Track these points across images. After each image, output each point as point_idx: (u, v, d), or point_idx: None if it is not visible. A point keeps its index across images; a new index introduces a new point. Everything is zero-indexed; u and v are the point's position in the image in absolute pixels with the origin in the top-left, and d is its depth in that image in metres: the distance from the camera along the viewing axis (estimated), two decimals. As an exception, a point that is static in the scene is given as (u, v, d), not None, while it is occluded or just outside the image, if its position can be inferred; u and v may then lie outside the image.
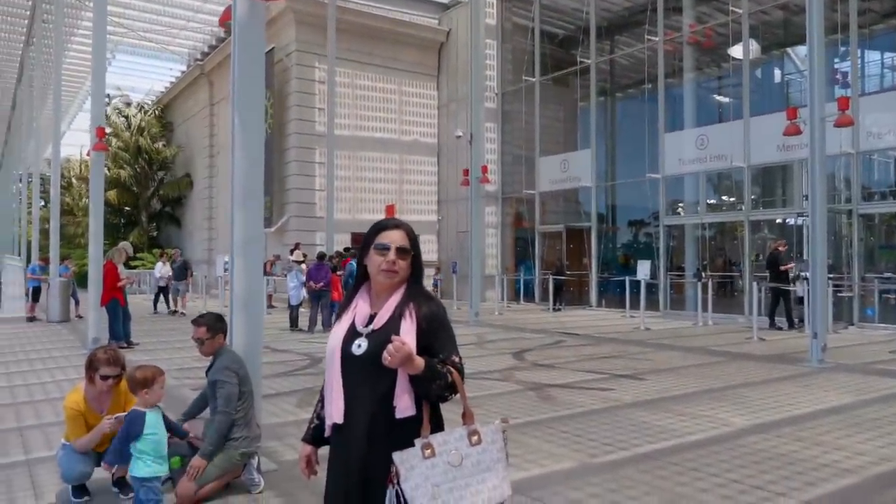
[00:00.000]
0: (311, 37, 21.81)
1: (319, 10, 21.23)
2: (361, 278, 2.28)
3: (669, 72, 18.93)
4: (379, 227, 2.24)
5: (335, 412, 2.15)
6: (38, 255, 21.55)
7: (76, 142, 37.29)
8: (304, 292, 14.21)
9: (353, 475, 2.13)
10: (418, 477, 2.00)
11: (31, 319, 17.24)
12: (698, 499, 4.21)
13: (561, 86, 23.41)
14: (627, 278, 16.45)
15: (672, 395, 7.32)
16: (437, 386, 2.06)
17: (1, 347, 12.52)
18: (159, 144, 33.53)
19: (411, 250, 2.21)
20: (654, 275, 16.84)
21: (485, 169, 15.43)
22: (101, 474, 4.55)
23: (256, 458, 4.62)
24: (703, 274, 16.26)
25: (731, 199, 18.65)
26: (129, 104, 34.50)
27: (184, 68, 31.39)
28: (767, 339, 12.32)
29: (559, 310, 19.15)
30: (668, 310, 17.58)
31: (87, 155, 13.07)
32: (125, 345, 11.44)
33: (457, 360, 2.15)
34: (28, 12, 24.54)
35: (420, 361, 2.01)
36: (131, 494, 4.42)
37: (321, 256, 14.49)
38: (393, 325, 2.10)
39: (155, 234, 35.00)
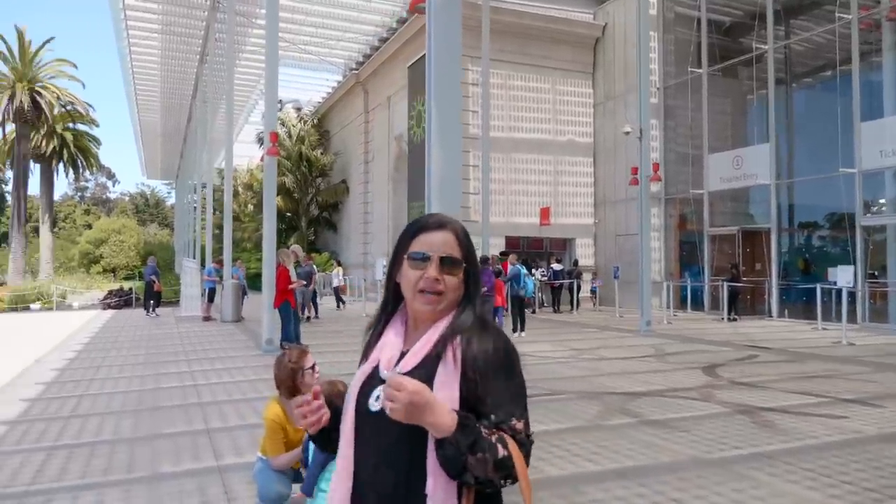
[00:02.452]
0: (465, 39, 21.34)
1: (473, 13, 20.86)
2: (393, 300, 1.60)
3: (864, 53, 16.85)
4: (415, 229, 1.56)
5: (337, 496, 1.47)
6: (210, 258, 22.91)
7: (242, 153, 39.65)
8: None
9: None
10: None
11: (207, 319, 18.21)
12: None
13: (729, 77, 21.69)
14: (819, 286, 14.72)
15: (925, 427, 6.10)
16: (476, 461, 1.30)
17: (183, 345, 13.16)
18: (318, 152, 34.87)
19: (462, 261, 1.53)
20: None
21: (656, 167, 14.37)
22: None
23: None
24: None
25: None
26: (299, 109, 36.18)
27: (340, 78, 32.41)
28: None
29: (734, 320, 17.56)
30: (866, 322, 15.57)
31: (262, 160, 13.43)
32: (296, 347, 11.57)
33: (519, 426, 1.39)
34: (202, 32, 26.29)
35: (447, 418, 1.32)
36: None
37: (483, 260, 14.04)
38: (426, 369, 1.43)
39: (313, 238, 36.43)
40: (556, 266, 21.40)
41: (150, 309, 20.49)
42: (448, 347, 1.43)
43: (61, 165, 45.98)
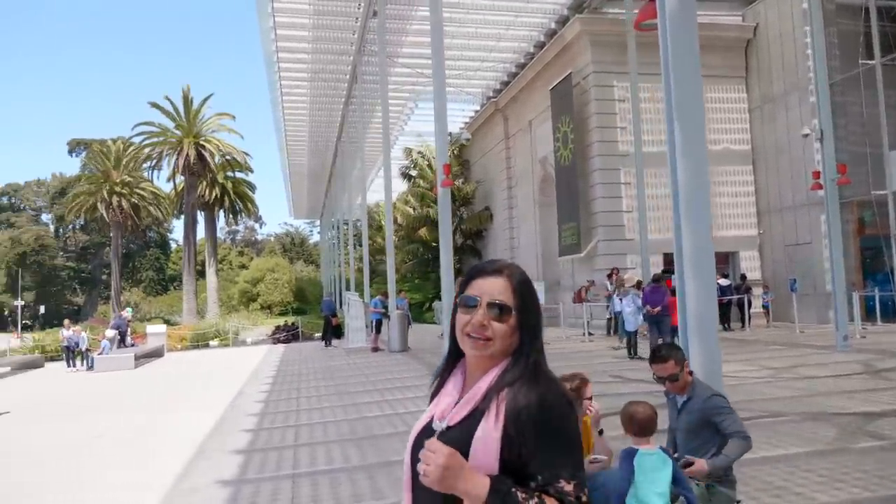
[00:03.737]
0: (607, 56, 21.33)
1: (613, 28, 20.74)
2: (456, 348, 1.52)
3: None
4: (471, 273, 1.52)
5: None
6: (367, 291, 23.76)
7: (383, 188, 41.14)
8: (640, 318, 13.42)
9: None
10: None
11: (375, 350, 18.79)
12: None
13: (905, 66, 19.94)
14: None
15: None
16: None
17: (365, 375, 13.62)
18: (459, 182, 35.50)
19: (513, 309, 1.44)
20: None
21: (843, 168, 13.37)
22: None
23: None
24: None
25: None
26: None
27: (477, 107, 32.94)
28: None
29: (938, 330, 15.91)
30: None
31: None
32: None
33: (568, 488, 1.31)
34: (348, 76, 27.72)
35: (479, 484, 1.28)
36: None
37: (657, 278, 13.60)
38: (468, 424, 1.39)
39: (458, 266, 36.99)
40: (722, 281, 20.29)
41: (328, 342, 21.66)
42: (492, 402, 1.38)
43: (222, 212, 49.80)
